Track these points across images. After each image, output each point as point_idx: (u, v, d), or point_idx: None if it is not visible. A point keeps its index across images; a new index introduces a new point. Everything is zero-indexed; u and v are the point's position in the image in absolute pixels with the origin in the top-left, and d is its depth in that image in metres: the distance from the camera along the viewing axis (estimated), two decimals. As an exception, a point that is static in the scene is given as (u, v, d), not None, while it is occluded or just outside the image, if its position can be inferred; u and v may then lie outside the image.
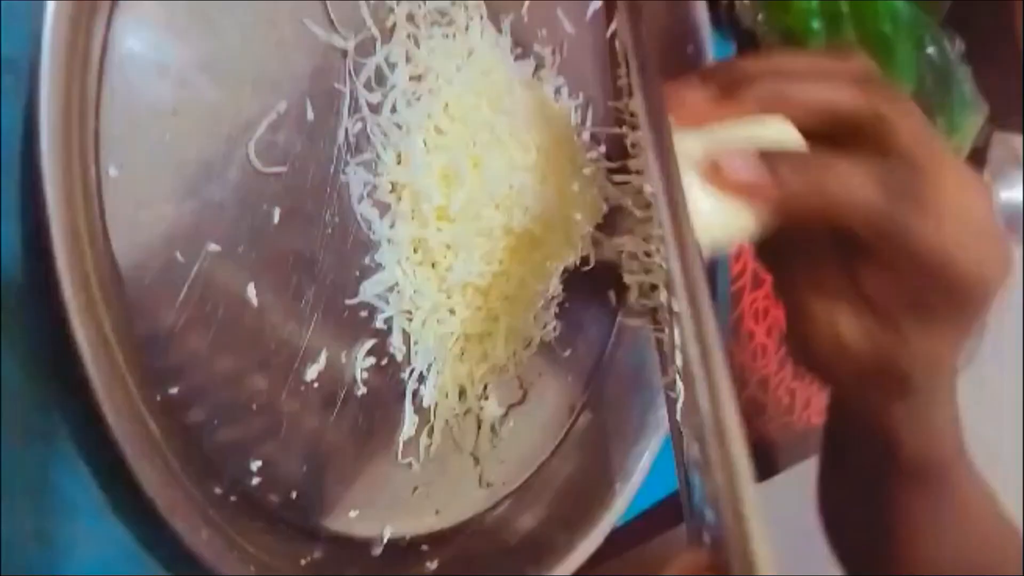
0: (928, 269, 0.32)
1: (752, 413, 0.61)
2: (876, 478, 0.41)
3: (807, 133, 0.33)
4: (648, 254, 0.36)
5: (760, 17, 0.50)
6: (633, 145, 0.37)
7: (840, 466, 0.46)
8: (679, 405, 0.36)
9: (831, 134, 0.33)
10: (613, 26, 0.42)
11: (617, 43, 0.42)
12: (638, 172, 0.37)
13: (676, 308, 0.30)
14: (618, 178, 0.39)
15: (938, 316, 0.34)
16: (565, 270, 0.41)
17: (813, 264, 0.35)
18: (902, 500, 0.41)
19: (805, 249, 0.35)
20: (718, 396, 0.25)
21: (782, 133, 0.33)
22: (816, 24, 0.51)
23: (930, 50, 0.54)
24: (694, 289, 0.28)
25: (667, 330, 0.37)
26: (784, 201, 0.32)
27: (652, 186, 0.32)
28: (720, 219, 0.31)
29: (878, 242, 0.32)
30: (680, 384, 0.35)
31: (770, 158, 0.32)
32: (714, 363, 0.26)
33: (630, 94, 0.40)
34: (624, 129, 0.41)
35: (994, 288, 0.33)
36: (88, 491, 0.27)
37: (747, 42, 0.51)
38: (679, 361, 0.34)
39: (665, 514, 0.47)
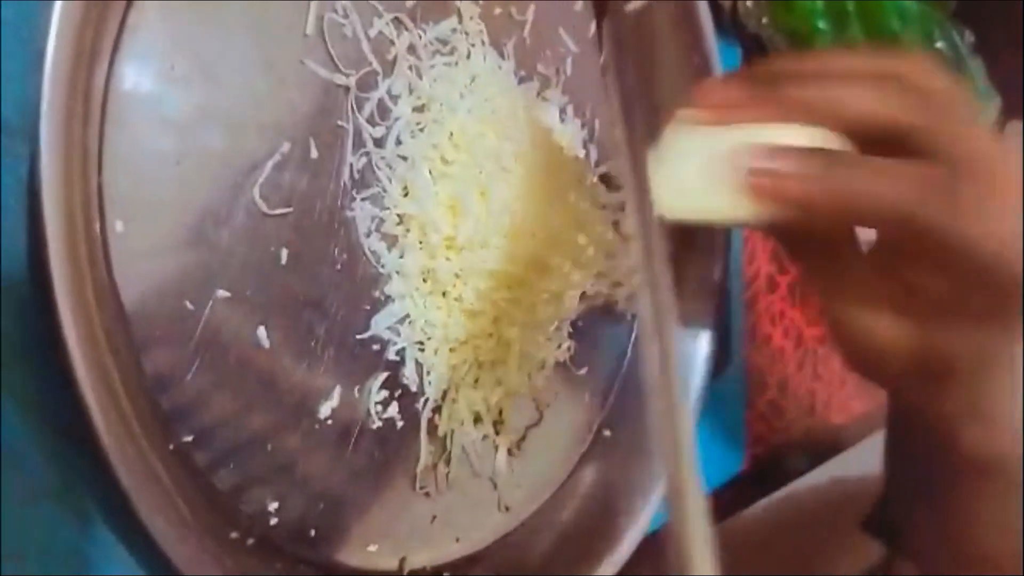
0: (977, 269, 0.31)
1: (773, 417, 0.61)
2: (938, 474, 0.39)
3: (852, 141, 0.31)
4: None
5: (765, 20, 0.49)
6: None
7: (902, 462, 0.45)
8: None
9: (877, 144, 0.31)
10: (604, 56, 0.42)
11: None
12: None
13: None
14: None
15: (986, 312, 0.32)
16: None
17: (842, 264, 0.34)
18: (964, 495, 0.39)
19: (832, 247, 0.34)
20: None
21: (817, 142, 0.31)
22: (822, 24, 0.50)
23: (940, 44, 0.53)
24: (663, 335, 0.27)
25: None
26: (799, 199, 0.30)
27: (631, 229, 0.30)
28: (711, 198, 0.30)
29: (916, 243, 0.31)
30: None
31: (787, 152, 0.30)
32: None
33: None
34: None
35: None
36: (101, 546, 0.27)
37: (752, 46, 0.51)
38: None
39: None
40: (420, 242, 0.35)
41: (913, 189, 0.30)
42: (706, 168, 0.30)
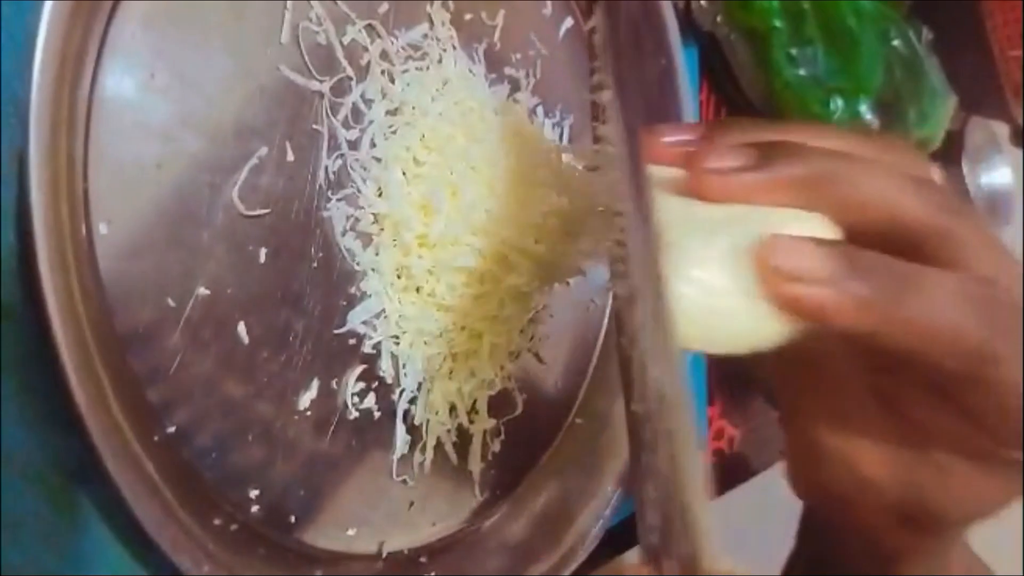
0: (1007, 412, 0.25)
1: (736, 412, 0.62)
2: None
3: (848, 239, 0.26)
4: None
5: (719, 19, 0.50)
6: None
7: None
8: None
9: (879, 245, 0.25)
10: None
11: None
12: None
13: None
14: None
15: (995, 458, 0.27)
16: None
17: (835, 387, 0.29)
18: None
19: (825, 368, 0.29)
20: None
21: (819, 232, 0.25)
22: (778, 22, 0.51)
23: (896, 42, 0.55)
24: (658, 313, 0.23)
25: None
26: (853, 324, 0.24)
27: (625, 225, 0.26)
28: (738, 322, 0.24)
29: (961, 381, 0.25)
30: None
31: (843, 255, 0.24)
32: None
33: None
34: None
35: None
36: (95, 542, 0.28)
37: (708, 45, 0.52)
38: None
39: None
40: (394, 240, 0.37)
41: (984, 321, 0.24)
42: (728, 279, 0.24)
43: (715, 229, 0.25)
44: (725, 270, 0.24)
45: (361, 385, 0.36)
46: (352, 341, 0.36)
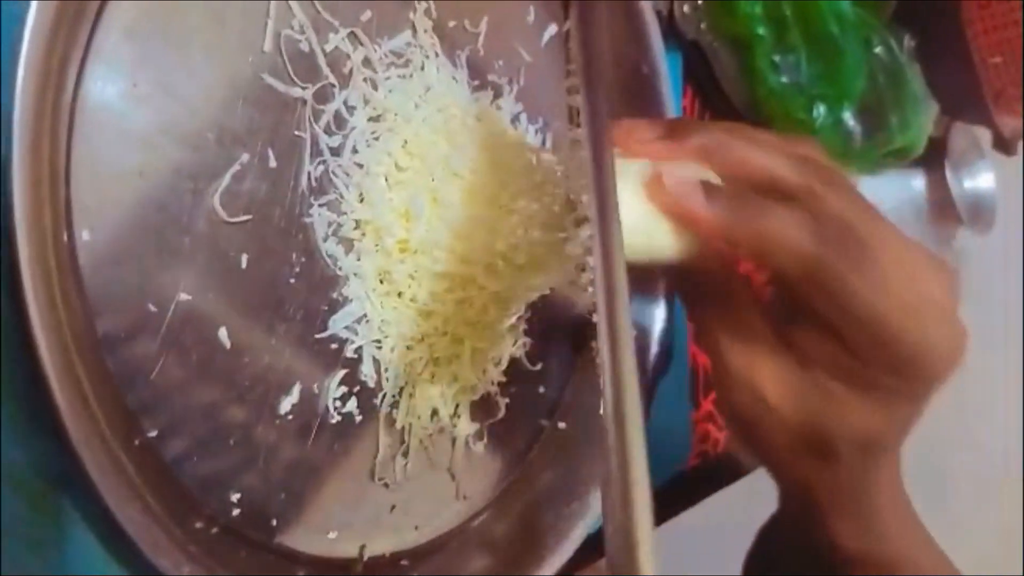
0: (866, 331, 0.31)
1: (721, 415, 0.62)
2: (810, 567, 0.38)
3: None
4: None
5: (703, 26, 0.51)
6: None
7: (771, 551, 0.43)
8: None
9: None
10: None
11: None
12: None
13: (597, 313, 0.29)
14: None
15: (876, 387, 0.32)
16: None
17: (735, 310, 0.34)
18: None
19: (726, 293, 0.35)
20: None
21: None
22: (761, 29, 0.52)
23: (878, 50, 0.55)
24: (613, 295, 0.28)
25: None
26: (715, 230, 0.31)
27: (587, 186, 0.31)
28: (645, 231, 0.32)
29: (812, 293, 0.31)
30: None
31: (709, 186, 0.32)
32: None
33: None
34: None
35: (943, 370, 0.32)
36: (78, 545, 0.29)
37: (692, 52, 0.52)
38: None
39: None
40: (376, 245, 0.37)
41: (820, 239, 0.31)
42: (634, 199, 0.32)
43: (635, 171, 0.33)
44: (637, 194, 0.32)
45: (343, 389, 0.37)
46: (334, 346, 0.36)
